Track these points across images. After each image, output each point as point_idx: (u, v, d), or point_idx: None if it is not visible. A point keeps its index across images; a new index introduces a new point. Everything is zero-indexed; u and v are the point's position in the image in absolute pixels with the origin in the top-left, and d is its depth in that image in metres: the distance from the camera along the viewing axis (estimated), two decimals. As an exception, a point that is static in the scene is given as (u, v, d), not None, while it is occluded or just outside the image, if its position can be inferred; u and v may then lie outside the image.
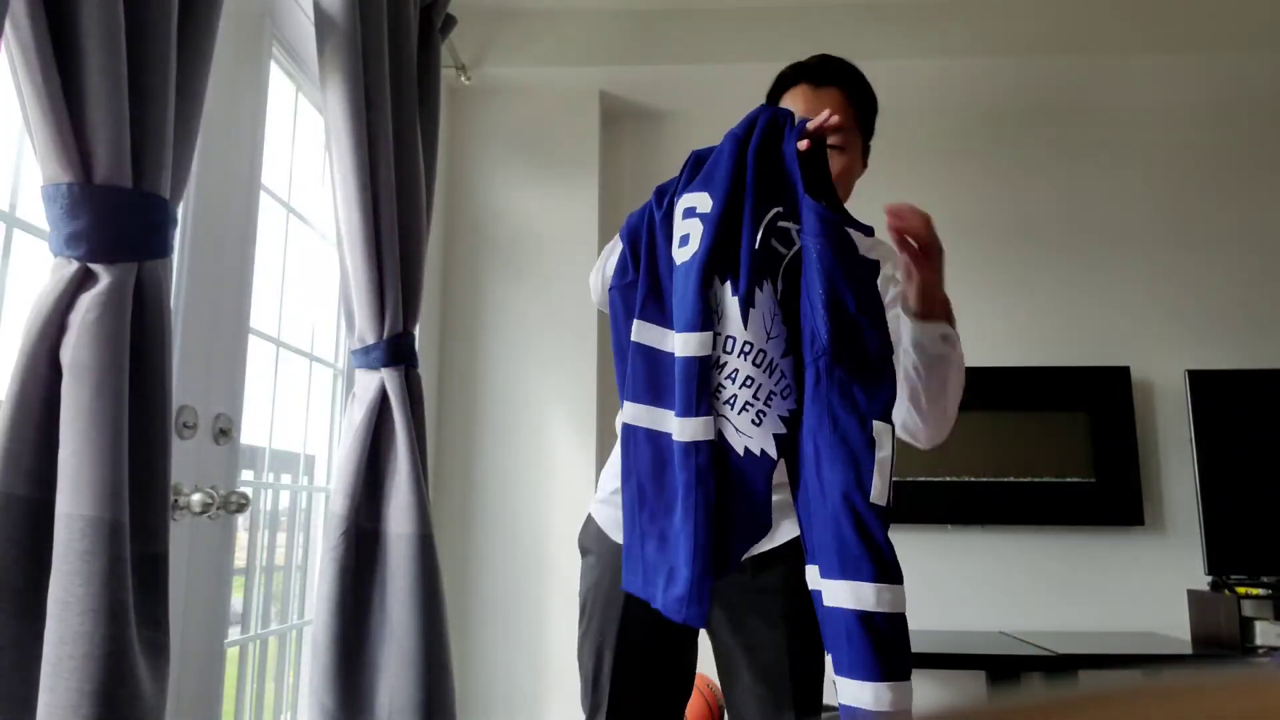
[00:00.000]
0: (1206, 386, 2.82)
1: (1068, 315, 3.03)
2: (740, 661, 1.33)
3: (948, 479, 2.86)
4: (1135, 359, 2.96)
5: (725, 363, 1.09)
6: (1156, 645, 2.55)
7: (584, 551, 1.46)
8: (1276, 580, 2.64)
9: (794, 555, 1.31)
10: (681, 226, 1.13)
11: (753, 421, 1.08)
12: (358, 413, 1.97)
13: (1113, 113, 3.15)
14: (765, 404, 1.09)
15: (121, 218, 1.18)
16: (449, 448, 2.99)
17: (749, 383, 1.08)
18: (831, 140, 1.29)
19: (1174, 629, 2.80)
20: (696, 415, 1.08)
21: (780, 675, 1.31)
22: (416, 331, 2.16)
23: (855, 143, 1.38)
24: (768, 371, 1.09)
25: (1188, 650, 2.56)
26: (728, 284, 1.08)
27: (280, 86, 2.08)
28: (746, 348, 1.08)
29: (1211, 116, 3.12)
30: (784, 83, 1.42)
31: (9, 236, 1.29)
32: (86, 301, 1.14)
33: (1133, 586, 2.85)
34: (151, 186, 1.23)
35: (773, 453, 1.09)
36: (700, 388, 1.08)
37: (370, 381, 2.00)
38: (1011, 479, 2.85)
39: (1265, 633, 2.53)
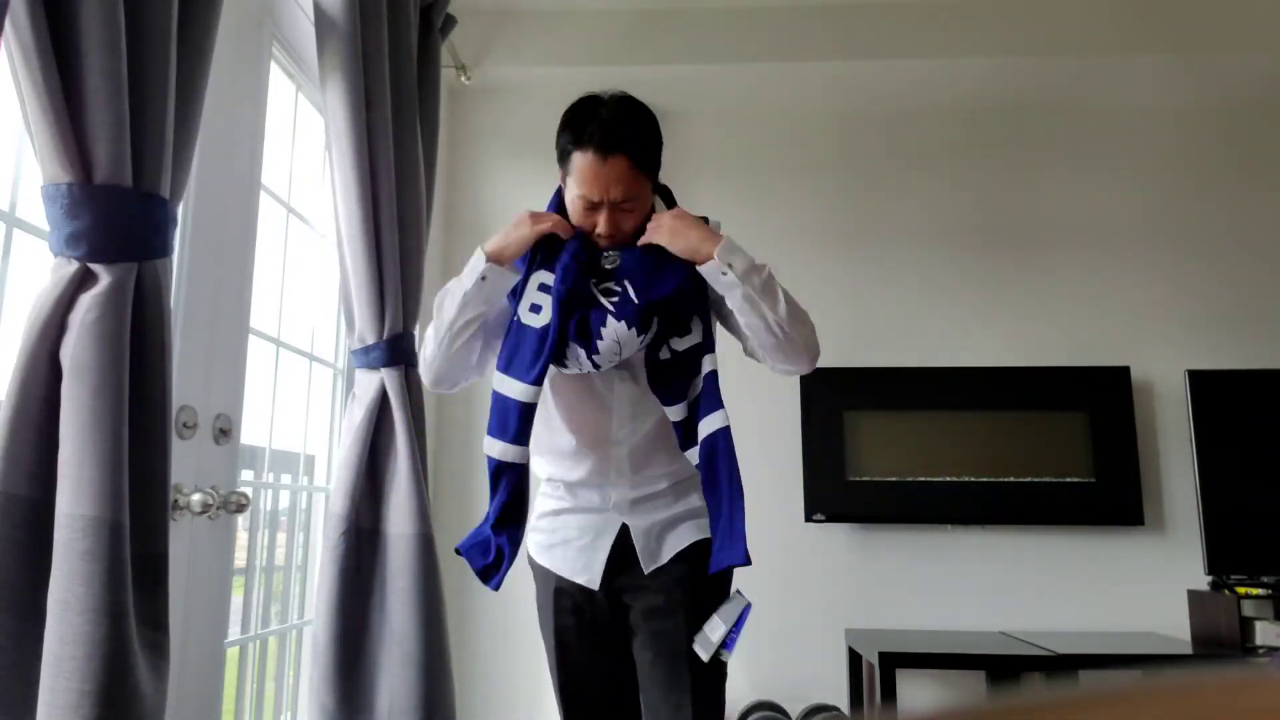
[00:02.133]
0: (1206, 386, 2.82)
1: (1068, 315, 3.03)
2: (647, 649, 1.50)
3: (948, 479, 2.86)
4: (1135, 359, 2.96)
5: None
6: (1156, 645, 2.55)
7: (531, 566, 1.66)
8: (1276, 580, 2.64)
9: (695, 556, 1.53)
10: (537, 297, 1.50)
11: None
12: (358, 413, 1.97)
13: (1112, 113, 3.15)
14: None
15: (121, 218, 1.18)
16: (449, 448, 2.99)
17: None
18: (625, 206, 1.48)
19: (1174, 629, 2.80)
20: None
21: (678, 658, 1.46)
22: (416, 331, 2.16)
23: (645, 196, 1.52)
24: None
25: (1188, 650, 2.56)
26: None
27: (280, 86, 2.08)
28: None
29: (1211, 117, 3.12)
30: (576, 143, 1.46)
31: (9, 236, 1.29)
32: (86, 301, 1.14)
33: (1133, 586, 2.84)
34: (151, 186, 1.23)
35: None
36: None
37: (370, 381, 2.00)
38: (1011, 479, 2.84)
39: (1265, 633, 2.52)
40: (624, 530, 1.55)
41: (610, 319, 1.45)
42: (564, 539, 1.58)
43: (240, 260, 1.74)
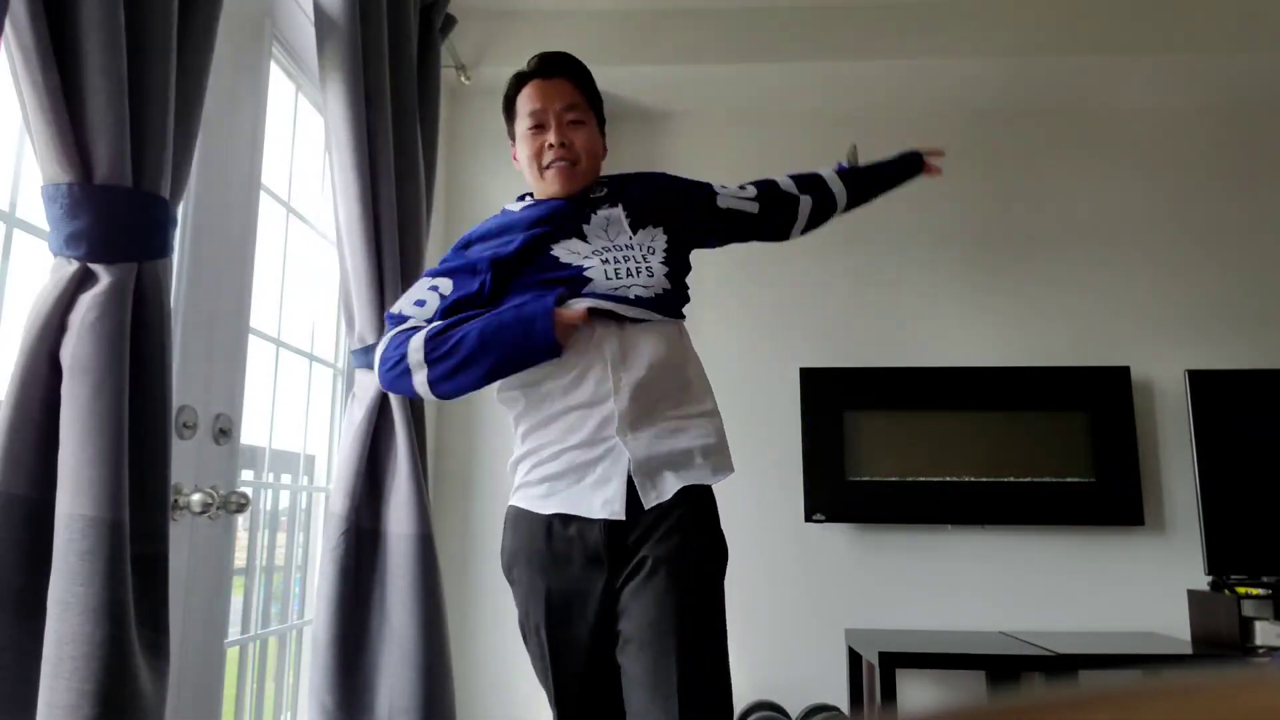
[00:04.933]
0: (1206, 386, 2.82)
1: (1068, 315, 3.03)
2: (630, 641, 1.35)
3: (948, 479, 2.86)
4: (1135, 359, 2.96)
5: None
6: (1156, 645, 2.55)
7: (511, 580, 1.49)
8: (1276, 580, 2.64)
9: (684, 508, 1.39)
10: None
11: None
12: (358, 413, 1.97)
13: (1113, 113, 3.15)
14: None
15: (121, 218, 1.18)
16: (449, 448, 2.99)
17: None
18: (571, 116, 1.52)
19: (1174, 629, 2.80)
20: None
21: (665, 636, 1.31)
22: (416, 331, 2.15)
23: (590, 118, 1.57)
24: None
25: (1188, 650, 2.55)
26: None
27: (280, 86, 2.08)
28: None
29: (1211, 116, 3.12)
30: (519, 83, 1.56)
31: (9, 236, 1.29)
32: (86, 301, 1.14)
33: (1133, 586, 2.84)
34: (151, 186, 1.23)
35: None
36: None
37: (370, 381, 2.00)
38: (1011, 479, 2.84)
39: (1265, 633, 2.52)
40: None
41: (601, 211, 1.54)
42: (570, 481, 1.40)
43: (240, 260, 1.74)
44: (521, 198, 1.62)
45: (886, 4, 2.96)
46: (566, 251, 1.50)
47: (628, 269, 1.49)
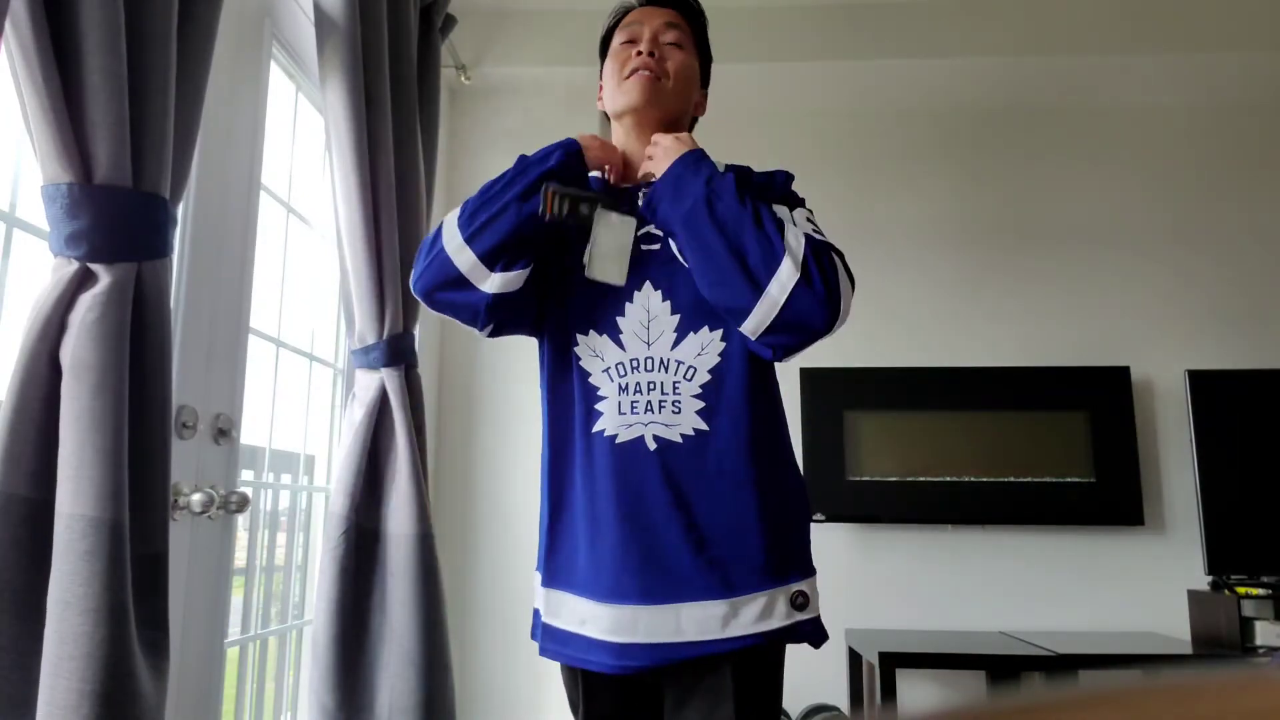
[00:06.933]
0: (1206, 386, 2.82)
1: (1068, 315, 3.03)
2: None
3: (948, 479, 2.85)
4: (1135, 359, 2.96)
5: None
6: (1156, 645, 2.55)
7: None
8: (1276, 580, 2.64)
9: (746, 660, 1.17)
10: None
11: None
12: (358, 412, 1.97)
13: (1112, 112, 3.15)
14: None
15: (121, 218, 1.18)
16: (449, 448, 2.99)
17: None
18: (669, 37, 1.33)
19: (1174, 629, 2.80)
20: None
21: None
22: (416, 331, 2.16)
23: (691, 57, 1.36)
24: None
25: (1188, 650, 2.55)
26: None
27: (280, 86, 2.08)
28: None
29: (1211, 116, 3.12)
30: (621, 14, 1.39)
31: (9, 236, 1.29)
32: (86, 301, 1.14)
33: (1133, 586, 2.84)
34: (151, 186, 1.23)
35: None
36: None
37: (370, 381, 2.00)
38: (1011, 479, 2.84)
39: (1265, 633, 2.52)
40: None
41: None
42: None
43: (240, 260, 1.74)
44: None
45: (888, 4, 2.96)
46: (589, 352, 1.23)
47: (647, 402, 1.17)
